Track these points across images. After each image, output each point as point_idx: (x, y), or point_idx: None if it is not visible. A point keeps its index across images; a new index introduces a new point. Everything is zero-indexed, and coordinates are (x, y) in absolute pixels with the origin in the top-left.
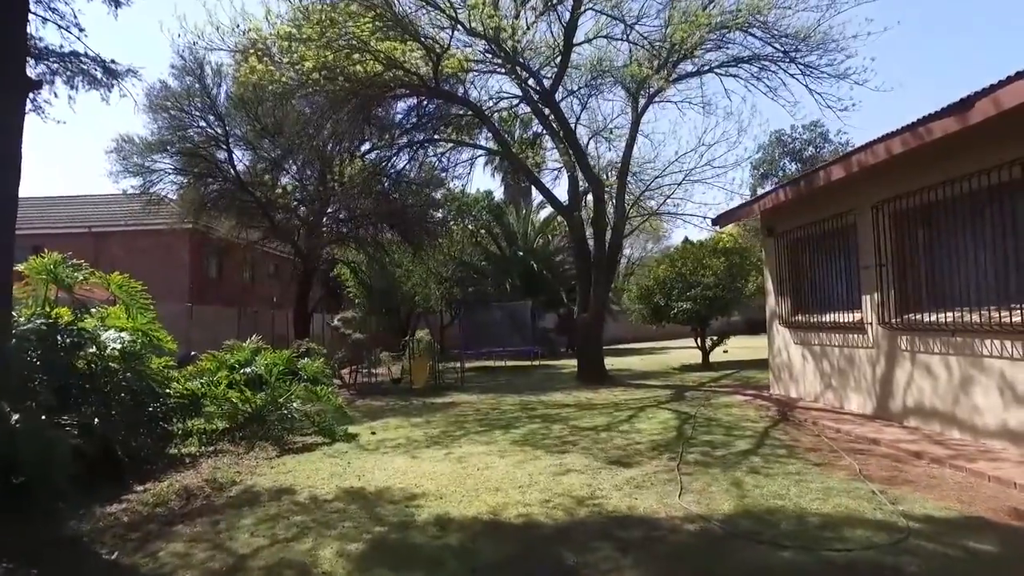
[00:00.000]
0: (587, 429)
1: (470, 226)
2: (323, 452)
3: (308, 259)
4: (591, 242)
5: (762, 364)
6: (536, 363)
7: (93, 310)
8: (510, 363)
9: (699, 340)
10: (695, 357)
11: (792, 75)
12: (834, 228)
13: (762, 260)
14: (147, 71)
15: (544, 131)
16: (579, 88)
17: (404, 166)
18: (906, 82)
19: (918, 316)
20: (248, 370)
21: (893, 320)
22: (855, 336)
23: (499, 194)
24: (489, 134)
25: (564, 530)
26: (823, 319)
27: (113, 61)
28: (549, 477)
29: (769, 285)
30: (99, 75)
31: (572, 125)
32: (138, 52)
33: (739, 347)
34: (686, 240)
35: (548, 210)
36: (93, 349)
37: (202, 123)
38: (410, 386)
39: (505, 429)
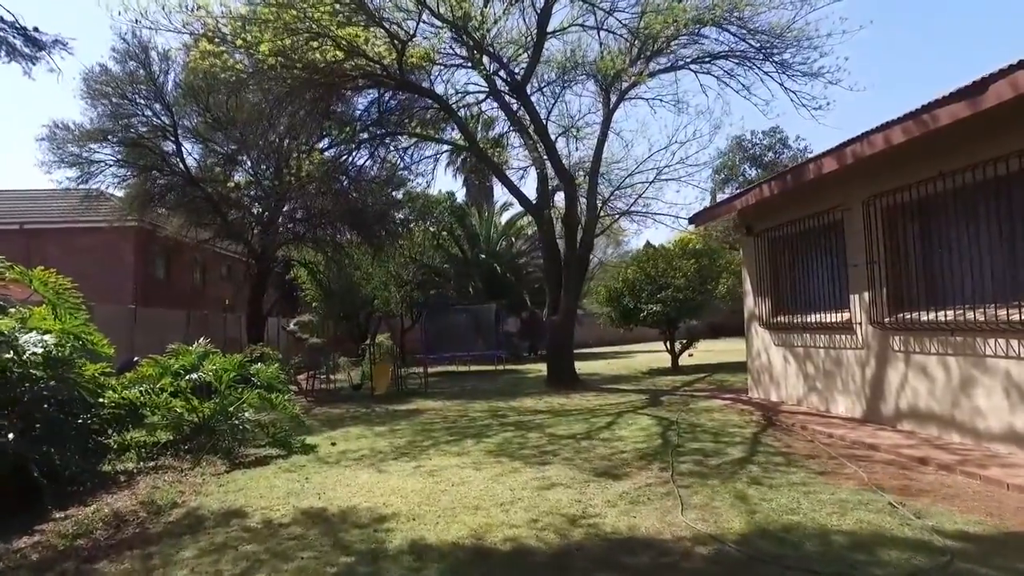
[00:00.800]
0: (565, 437)
1: (431, 228)
2: (278, 466)
3: (262, 259)
4: (560, 242)
5: (732, 367)
6: (501, 368)
7: (11, 310)
8: (474, 368)
9: (668, 343)
10: (662, 361)
11: (767, 72)
12: (819, 225)
13: (731, 261)
14: (85, 53)
15: (512, 127)
16: (550, 83)
17: (364, 162)
18: (880, 85)
19: (913, 315)
20: (194, 376)
21: (886, 319)
22: (842, 337)
23: (461, 196)
24: (453, 131)
25: (560, 556)
26: (807, 320)
27: (36, 29)
28: (533, 492)
29: (747, 285)
30: (19, 44)
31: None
32: (74, 33)
33: (703, 351)
34: (648, 244)
35: (511, 212)
36: (10, 354)
37: (148, 112)
38: (371, 392)
39: (477, 438)
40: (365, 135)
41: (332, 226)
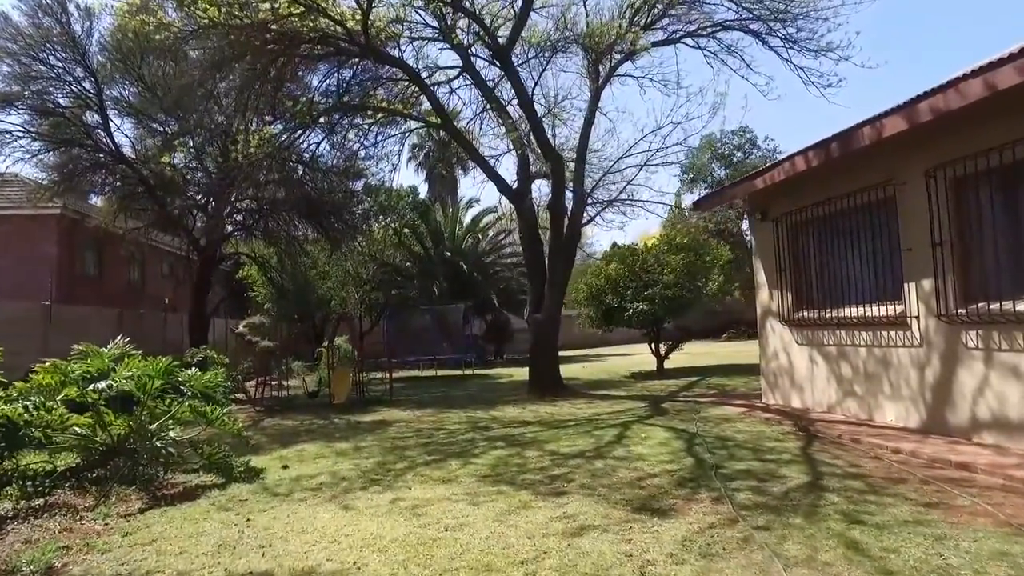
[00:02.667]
0: (572, 456)
1: (393, 224)
2: (212, 500)
3: (207, 252)
4: (542, 234)
5: (723, 370)
6: (469, 372)
7: None
8: (440, 372)
9: (653, 345)
10: (642, 364)
11: (772, 47)
12: (860, 204)
13: (718, 256)
14: None
15: (488, 106)
16: (536, 55)
17: (320, 144)
18: (893, 60)
19: (997, 306)
20: (103, 385)
21: (957, 311)
22: (893, 333)
23: (423, 193)
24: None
25: None
26: (841, 315)
27: None
28: (561, 540)
29: (761, 277)
30: None
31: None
32: None
33: (678, 354)
34: (615, 245)
35: (477, 208)
36: None
37: (67, 77)
38: (330, 401)
39: (463, 458)
40: (322, 108)
41: (285, 217)
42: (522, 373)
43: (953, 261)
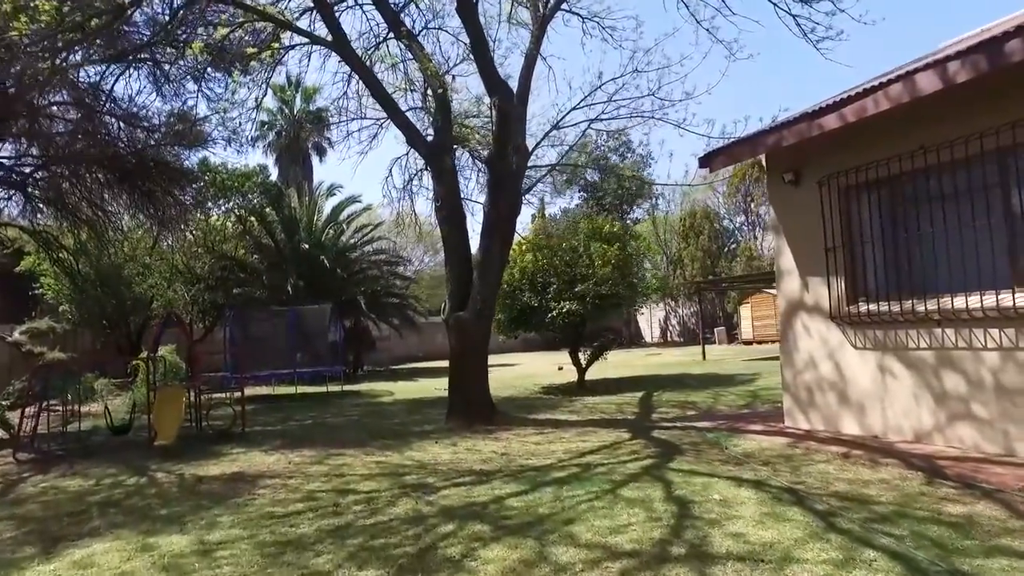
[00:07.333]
0: (645, 556)
1: (237, 210)
2: None
3: None
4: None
5: (649, 382)
6: (339, 389)
7: None
8: (301, 389)
9: (574, 354)
10: (543, 375)
11: None
12: (983, 152)
13: (646, 249)
14: None
15: (391, 34)
16: None
17: (138, 77)
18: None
19: None
20: None
21: None
22: None
23: (274, 176)
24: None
25: None
26: (946, 306)
27: None
28: None
29: (787, 261)
30: None
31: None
32: None
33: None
34: None
35: (340, 197)
36: None
37: None
38: (150, 439)
39: (434, 575)
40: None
41: (88, 180)
42: (401, 389)
43: None
